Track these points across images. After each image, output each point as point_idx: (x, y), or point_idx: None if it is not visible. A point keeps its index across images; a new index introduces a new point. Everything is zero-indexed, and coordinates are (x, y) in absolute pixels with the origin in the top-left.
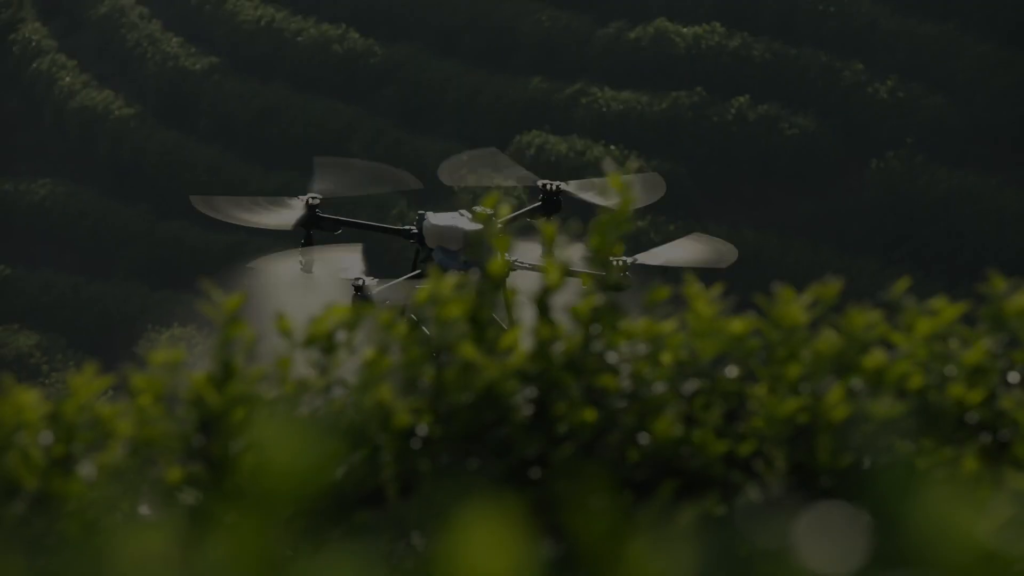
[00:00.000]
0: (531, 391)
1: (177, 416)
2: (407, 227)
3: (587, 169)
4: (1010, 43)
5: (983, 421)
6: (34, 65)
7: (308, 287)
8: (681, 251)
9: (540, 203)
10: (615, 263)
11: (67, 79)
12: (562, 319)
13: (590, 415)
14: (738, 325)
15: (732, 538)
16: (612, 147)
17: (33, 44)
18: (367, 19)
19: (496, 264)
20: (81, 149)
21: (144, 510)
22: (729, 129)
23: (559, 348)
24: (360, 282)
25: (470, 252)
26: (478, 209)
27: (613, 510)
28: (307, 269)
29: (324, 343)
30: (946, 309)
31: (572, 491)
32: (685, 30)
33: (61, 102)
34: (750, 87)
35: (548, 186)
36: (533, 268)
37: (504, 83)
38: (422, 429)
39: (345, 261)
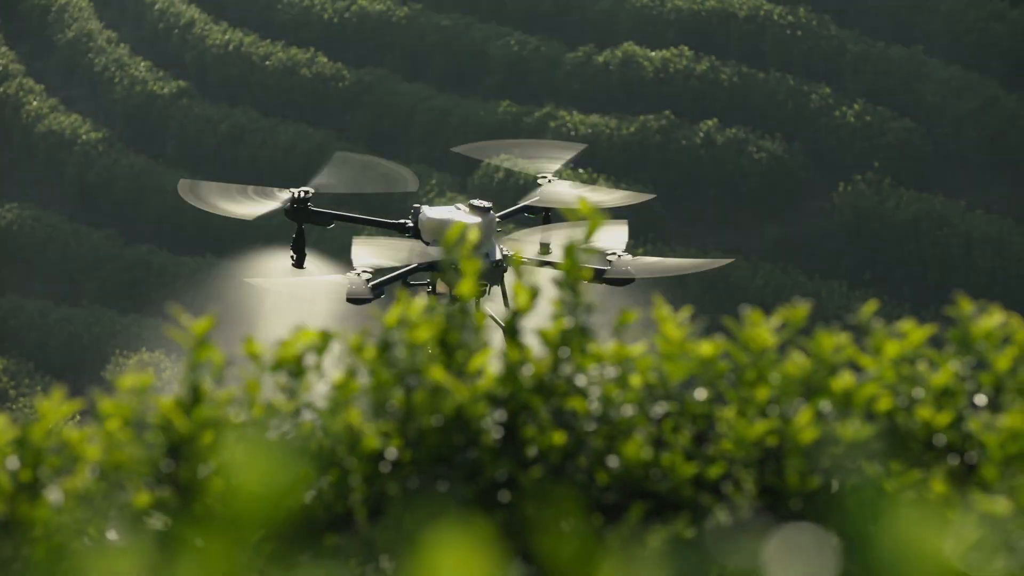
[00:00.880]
0: (500, 414)
1: (145, 440)
2: (402, 221)
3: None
4: (976, 67)
5: (951, 443)
6: (1, 89)
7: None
8: (681, 261)
9: (537, 199)
10: (619, 256)
11: (35, 103)
12: (532, 342)
13: (559, 438)
14: (707, 348)
15: (702, 561)
16: (580, 171)
17: (0, 68)
18: (336, 43)
19: (466, 287)
20: (49, 173)
21: (112, 535)
22: (697, 152)
23: (528, 371)
24: (361, 273)
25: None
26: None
27: (583, 533)
28: (298, 264)
29: (292, 367)
30: (914, 332)
31: (542, 514)
32: (653, 54)
33: (29, 126)
34: (718, 111)
35: (549, 179)
36: (532, 263)
37: (473, 107)
38: (391, 452)
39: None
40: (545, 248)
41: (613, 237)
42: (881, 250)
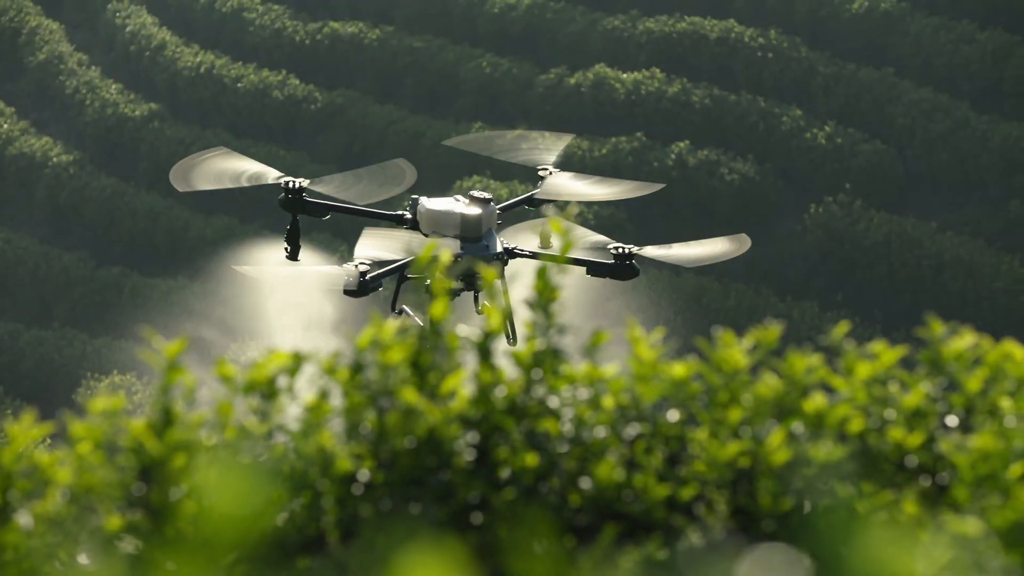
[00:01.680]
0: (473, 436)
1: (117, 463)
2: (399, 212)
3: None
4: (946, 89)
5: (922, 464)
6: None
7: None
8: (695, 249)
9: (539, 191)
10: (622, 251)
11: (5, 126)
12: (503, 364)
13: (532, 460)
14: (679, 369)
15: None
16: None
17: None
18: (307, 65)
19: (438, 309)
20: (20, 196)
21: (83, 559)
22: (669, 174)
23: (501, 393)
24: (359, 265)
25: (467, 236)
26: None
27: (555, 554)
28: (292, 256)
29: (265, 389)
30: (885, 353)
31: (514, 536)
32: (624, 76)
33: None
34: (689, 133)
35: (550, 172)
36: (533, 256)
37: (445, 128)
38: (364, 474)
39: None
40: (546, 240)
41: (594, 235)
42: (852, 271)
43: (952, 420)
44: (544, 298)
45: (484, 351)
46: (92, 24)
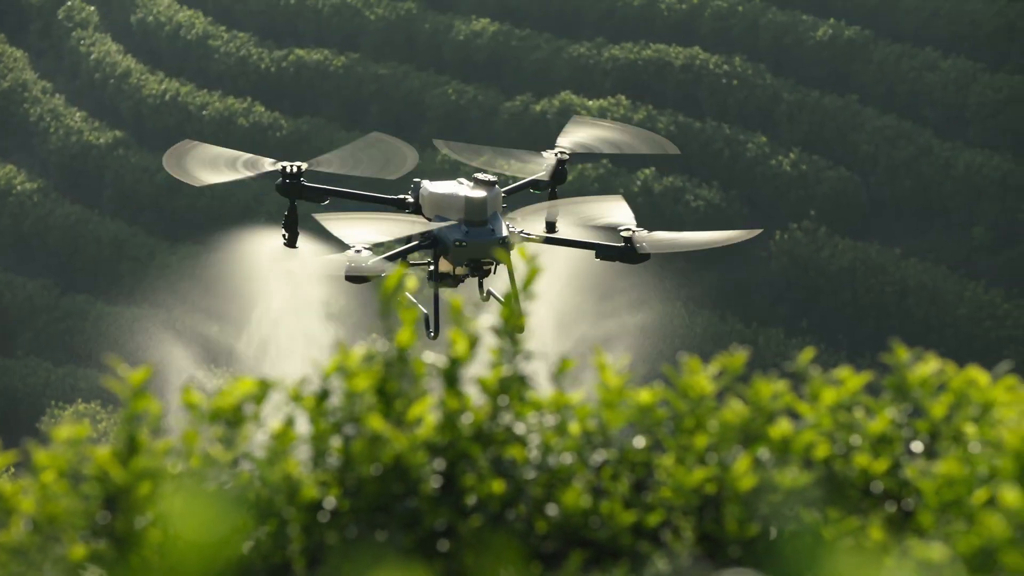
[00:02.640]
0: (439, 463)
1: (81, 492)
2: (401, 196)
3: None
4: (910, 116)
5: (888, 490)
6: None
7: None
8: (705, 235)
9: (543, 174)
10: (633, 232)
11: None
12: (470, 390)
13: (498, 486)
14: (645, 395)
15: None
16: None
17: None
18: (273, 92)
19: (404, 336)
20: None
21: None
22: (635, 201)
23: (467, 419)
24: (361, 251)
25: (472, 220)
26: (481, 177)
27: None
28: (290, 243)
29: (230, 417)
30: (850, 379)
31: (481, 563)
32: (590, 103)
33: None
34: (655, 159)
35: (560, 154)
36: (540, 240)
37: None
38: (330, 502)
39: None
40: (551, 225)
41: (618, 213)
42: (817, 298)
43: (917, 446)
44: (510, 325)
45: (450, 378)
46: (57, 51)
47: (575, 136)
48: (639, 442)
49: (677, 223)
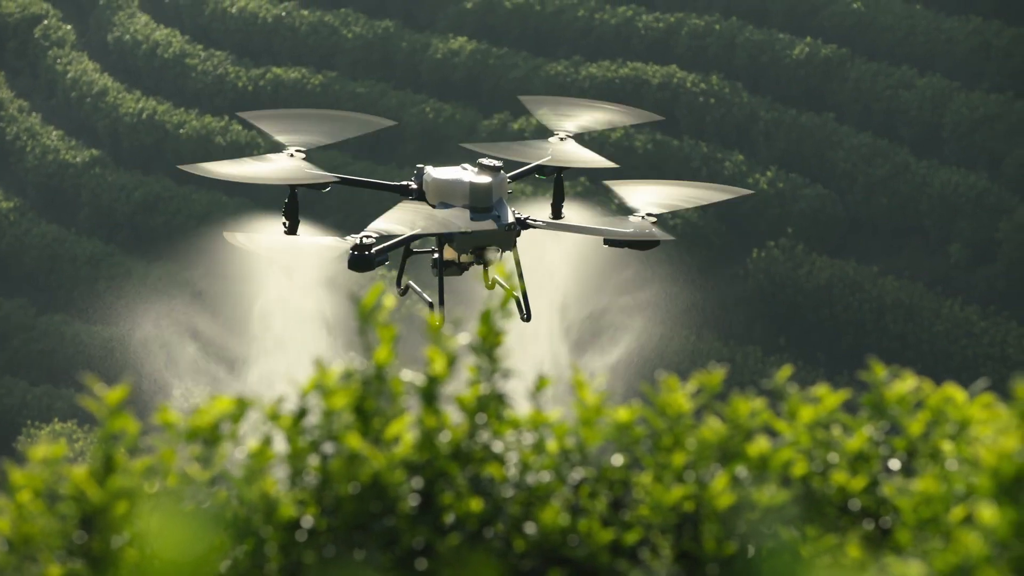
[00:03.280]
0: (417, 481)
1: (57, 512)
2: (404, 183)
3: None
4: (886, 134)
5: (865, 508)
6: None
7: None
8: (692, 189)
9: (550, 158)
10: (643, 218)
11: None
12: (449, 409)
13: (476, 505)
14: (623, 413)
15: None
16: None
17: None
18: (250, 110)
19: (382, 354)
20: None
21: None
22: None
23: (445, 438)
24: (364, 238)
25: (477, 206)
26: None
27: None
28: (291, 232)
29: (207, 435)
30: (828, 397)
31: None
32: None
33: None
34: (632, 177)
35: (566, 137)
36: (547, 226)
37: (389, 173)
38: (307, 521)
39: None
40: (557, 210)
41: (627, 198)
42: (795, 315)
43: (895, 463)
44: (488, 343)
45: (428, 396)
46: (33, 70)
47: (576, 120)
48: (617, 460)
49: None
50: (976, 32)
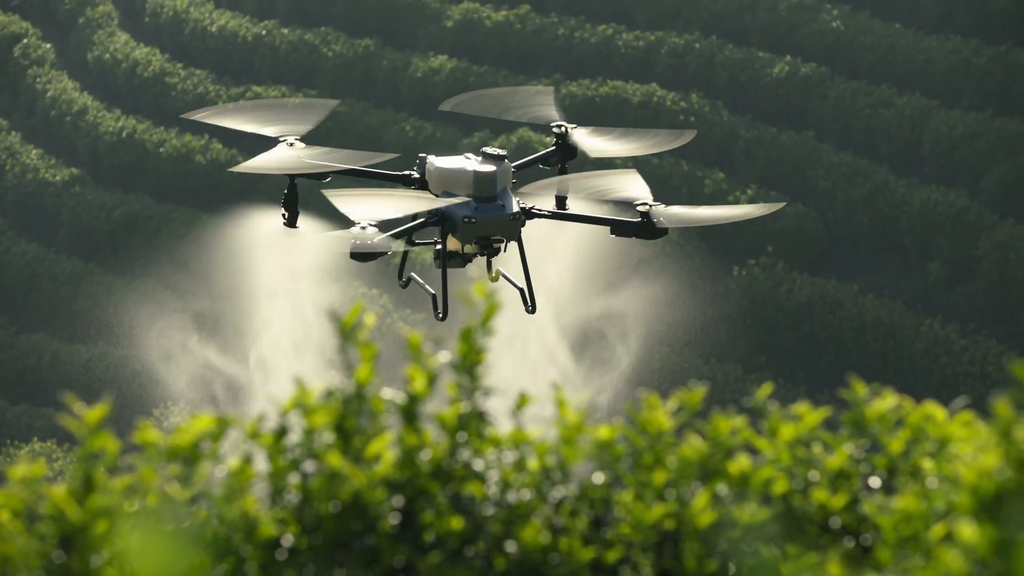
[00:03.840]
0: (398, 499)
1: (36, 531)
2: (406, 172)
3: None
4: (865, 152)
5: (846, 526)
6: None
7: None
8: (724, 210)
9: (556, 148)
10: (649, 207)
11: None
12: (429, 427)
13: (457, 523)
14: (604, 431)
15: None
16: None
17: None
18: (230, 129)
19: (363, 373)
20: None
21: None
22: None
23: (426, 456)
24: (366, 227)
25: (481, 195)
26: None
27: None
28: (290, 223)
29: (187, 454)
30: (809, 414)
31: None
32: (548, 139)
33: None
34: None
35: (564, 128)
36: (552, 216)
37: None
38: (288, 539)
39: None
40: (561, 201)
41: (634, 187)
42: (775, 333)
43: (875, 481)
44: (468, 361)
45: (409, 414)
46: (13, 89)
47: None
48: (598, 478)
49: (634, 260)
50: (955, 51)
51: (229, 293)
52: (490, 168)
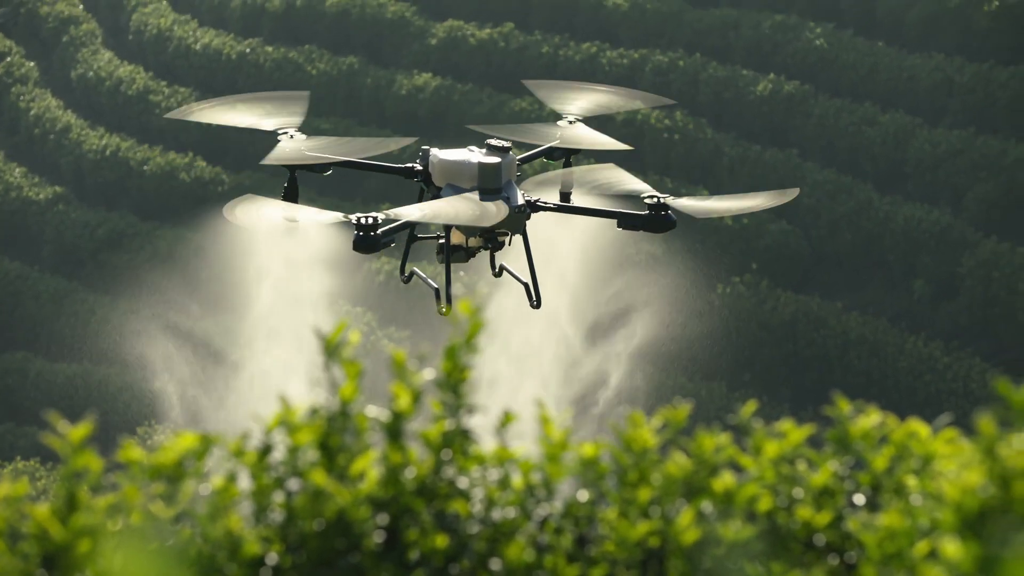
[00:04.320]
0: (382, 517)
1: (19, 551)
2: (409, 165)
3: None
4: (849, 170)
5: (831, 543)
6: None
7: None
8: (734, 201)
9: (560, 141)
10: (657, 200)
11: None
12: (413, 445)
13: (442, 541)
14: (589, 449)
15: None
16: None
17: None
18: (214, 147)
19: (347, 390)
20: None
21: None
22: None
23: (410, 474)
24: (366, 220)
25: (486, 187)
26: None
27: None
28: (291, 219)
29: (171, 472)
30: (793, 432)
31: None
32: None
33: None
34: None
35: (575, 121)
36: (558, 209)
37: (354, 208)
38: (272, 558)
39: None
40: (566, 195)
41: (634, 181)
42: (760, 351)
43: (859, 498)
44: (453, 378)
45: (393, 432)
46: None
47: (578, 103)
48: (582, 496)
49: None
50: (938, 69)
51: (214, 309)
52: (495, 159)
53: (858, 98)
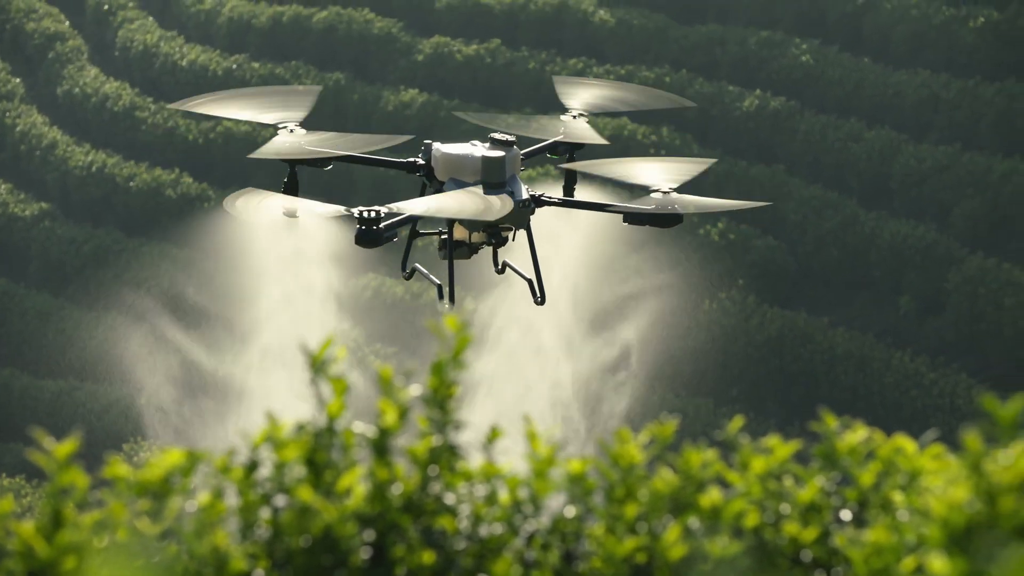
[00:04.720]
0: (369, 533)
1: (4, 568)
2: (411, 159)
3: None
4: (836, 186)
5: (817, 559)
6: None
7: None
8: (721, 201)
9: (562, 136)
10: (664, 193)
11: None
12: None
13: (428, 557)
14: (576, 465)
15: None
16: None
17: None
18: (201, 164)
19: (333, 406)
20: None
21: None
22: None
23: (397, 490)
24: (369, 214)
25: (489, 181)
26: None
27: None
28: (291, 214)
29: (157, 488)
30: (779, 447)
31: None
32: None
33: None
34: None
35: (578, 116)
36: (562, 203)
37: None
38: (259, 574)
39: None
40: (570, 189)
41: (646, 174)
42: (746, 367)
43: (846, 514)
44: (440, 394)
45: (380, 448)
46: None
47: (582, 97)
48: (569, 511)
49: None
50: (924, 85)
51: (204, 322)
52: (499, 153)
53: (844, 114)
